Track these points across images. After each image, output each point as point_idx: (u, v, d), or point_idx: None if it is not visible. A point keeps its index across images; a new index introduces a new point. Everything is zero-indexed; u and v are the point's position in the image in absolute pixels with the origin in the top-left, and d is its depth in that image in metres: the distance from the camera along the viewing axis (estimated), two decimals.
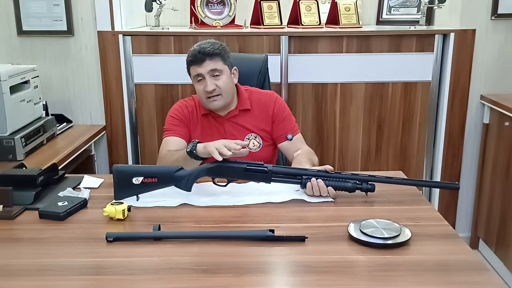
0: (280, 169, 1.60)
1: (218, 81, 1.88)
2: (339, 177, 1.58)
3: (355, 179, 1.57)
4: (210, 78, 1.87)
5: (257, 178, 1.60)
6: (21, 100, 2.26)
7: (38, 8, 2.68)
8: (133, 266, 1.20)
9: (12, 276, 1.17)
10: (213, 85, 1.86)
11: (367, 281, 1.15)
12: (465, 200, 2.98)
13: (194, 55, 1.88)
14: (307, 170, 1.61)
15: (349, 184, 1.57)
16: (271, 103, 2.00)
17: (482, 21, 2.72)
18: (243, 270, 1.18)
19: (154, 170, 1.58)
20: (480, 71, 2.79)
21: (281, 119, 1.99)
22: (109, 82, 2.70)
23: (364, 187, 1.57)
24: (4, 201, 1.50)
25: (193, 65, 1.89)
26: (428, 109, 2.74)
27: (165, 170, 1.59)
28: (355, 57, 2.66)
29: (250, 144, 1.97)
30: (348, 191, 1.58)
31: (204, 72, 1.87)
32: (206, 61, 1.86)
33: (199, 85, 1.90)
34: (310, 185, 1.56)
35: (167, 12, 2.89)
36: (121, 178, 1.54)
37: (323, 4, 2.99)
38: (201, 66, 1.87)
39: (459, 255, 1.24)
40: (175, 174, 1.56)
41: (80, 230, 1.40)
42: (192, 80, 1.94)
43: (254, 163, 1.59)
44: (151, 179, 1.54)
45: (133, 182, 1.53)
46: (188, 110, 1.99)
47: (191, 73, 1.93)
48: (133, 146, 2.78)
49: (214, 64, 1.87)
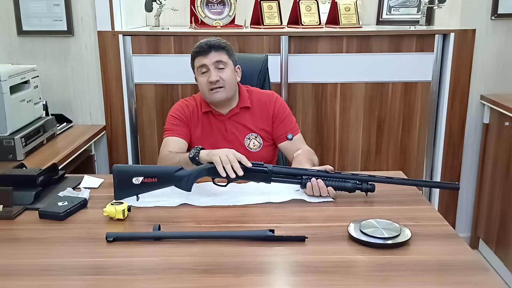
0: (280, 169, 1.60)
1: (222, 73, 1.89)
2: (339, 177, 1.58)
3: (355, 179, 1.57)
4: (214, 70, 1.89)
5: (257, 178, 1.60)
6: (21, 100, 2.26)
7: (38, 8, 2.68)
8: (133, 266, 1.20)
9: (12, 276, 1.17)
10: (217, 76, 1.88)
11: (367, 281, 1.15)
12: (465, 200, 2.98)
13: (200, 47, 1.90)
14: (307, 170, 1.61)
15: (349, 184, 1.57)
16: (272, 103, 2.00)
17: (482, 21, 2.73)
18: (243, 270, 1.18)
19: (154, 170, 1.58)
20: (480, 71, 2.79)
21: (282, 119, 2.00)
22: (109, 82, 2.70)
23: (364, 187, 1.57)
24: (4, 201, 1.50)
25: (198, 56, 1.90)
26: (428, 109, 2.74)
27: (165, 170, 1.59)
28: (355, 57, 2.66)
29: (250, 144, 1.97)
30: (348, 191, 1.58)
31: (209, 63, 1.88)
32: (211, 53, 1.89)
33: (203, 77, 1.90)
34: (310, 185, 1.56)
35: (167, 12, 2.89)
36: (121, 178, 1.54)
37: (323, 4, 2.99)
38: (206, 57, 1.89)
39: (459, 255, 1.24)
40: (175, 174, 1.56)
41: (80, 230, 1.40)
42: (196, 73, 1.95)
43: (254, 163, 1.59)
44: (151, 179, 1.54)
45: (133, 182, 1.53)
46: (189, 110, 1.99)
47: (195, 64, 1.93)
48: (133, 146, 2.78)
49: (219, 56, 1.90)
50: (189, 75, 2.03)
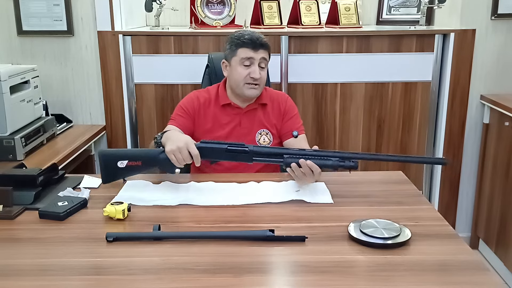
0: (261, 149, 1.61)
1: (262, 71, 1.95)
2: (321, 155, 1.57)
3: (337, 157, 1.56)
4: (258, 67, 1.93)
5: (239, 158, 1.62)
6: (21, 100, 2.26)
7: (38, 8, 2.68)
8: (133, 266, 1.20)
9: (12, 276, 1.17)
10: (259, 73, 1.92)
11: (367, 281, 1.14)
12: (465, 200, 2.98)
13: (252, 40, 1.92)
14: (288, 149, 1.62)
15: (330, 162, 1.55)
16: (283, 102, 2.06)
17: (482, 21, 2.73)
18: (243, 270, 1.18)
19: (138, 154, 1.62)
20: (480, 71, 2.79)
21: (290, 117, 2.05)
22: (109, 82, 2.70)
23: (346, 164, 1.55)
24: (4, 201, 1.50)
25: (248, 47, 1.92)
26: (428, 109, 2.74)
27: (148, 153, 1.62)
28: (355, 57, 2.66)
29: (260, 140, 2.00)
30: (331, 168, 1.57)
31: (257, 58, 1.92)
32: (261, 50, 1.93)
33: (244, 69, 1.92)
34: (295, 165, 1.55)
35: (167, 12, 2.89)
36: (106, 162, 1.59)
37: (323, 4, 2.99)
38: (256, 52, 1.92)
39: (459, 255, 1.24)
40: (159, 157, 1.59)
41: (80, 230, 1.40)
42: (233, 61, 1.95)
43: (235, 143, 1.61)
44: (136, 162, 1.58)
45: (118, 165, 1.58)
46: (199, 102, 2.00)
47: (240, 54, 1.93)
48: (133, 146, 2.78)
49: (265, 55, 1.95)
50: (189, 75, 2.02)
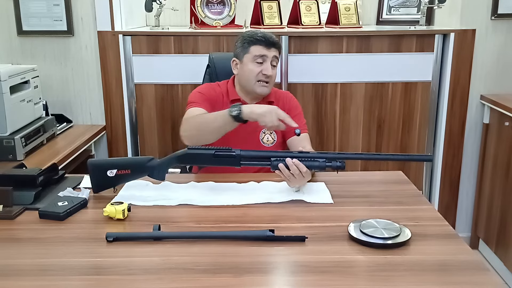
0: (248, 153, 1.61)
1: (273, 70, 1.98)
2: (308, 157, 1.57)
3: (324, 158, 1.56)
4: (270, 65, 1.96)
5: (226, 162, 1.60)
6: (21, 100, 2.26)
7: (38, 8, 2.68)
8: (133, 266, 1.20)
9: (12, 276, 1.17)
10: (271, 71, 1.95)
11: (367, 281, 1.14)
12: (465, 200, 2.98)
13: (266, 37, 1.95)
14: (276, 152, 1.61)
15: (316, 163, 1.55)
16: (288, 100, 2.08)
17: (482, 21, 2.73)
18: (243, 270, 1.18)
19: (127, 162, 1.63)
20: (480, 71, 2.79)
21: (293, 115, 2.03)
22: (109, 82, 2.70)
23: (334, 165, 1.55)
24: (4, 201, 1.50)
25: (261, 45, 1.95)
26: (428, 109, 2.74)
27: (137, 162, 1.64)
28: (355, 57, 2.66)
29: (264, 138, 2.01)
30: (318, 169, 1.57)
31: (269, 56, 1.95)
32: (273, 48, 1.96)
33: (256, 67, 1.95)
34: (282, 166, 1.55)
35: (167, 12, 2.89)
36: (96, 172, 1.60)
37: (323, 4, 2.99)
38: (269, 50, 1.95)
39: (459, 255, 1.24)
40: (147, 164, 1.59)
41: (80, 230, 1.40)
42: (246, 59, 1.96)
43: (222, 148, 1.60)
44: (125, 170, 1.58)
45: (108, 175, 1.58)
46: (215, 92, 2.02)
47: (253, 51, 1.95)
48: (133, 146, 2.78)
49: (277, 53, 1.98)
50: (189, 75, 2.02)
